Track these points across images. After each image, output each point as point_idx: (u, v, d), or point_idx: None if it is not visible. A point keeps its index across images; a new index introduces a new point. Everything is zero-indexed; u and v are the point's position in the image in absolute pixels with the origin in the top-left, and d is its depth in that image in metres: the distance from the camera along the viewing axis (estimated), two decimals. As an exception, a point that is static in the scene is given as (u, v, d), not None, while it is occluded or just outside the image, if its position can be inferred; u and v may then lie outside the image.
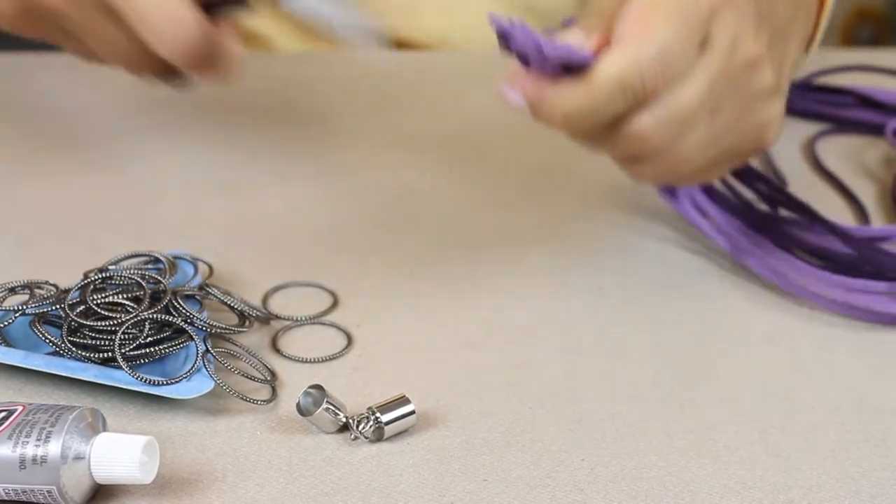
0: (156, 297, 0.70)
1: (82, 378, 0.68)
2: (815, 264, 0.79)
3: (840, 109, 0.98)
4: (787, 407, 0.71)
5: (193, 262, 0.75)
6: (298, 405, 0.67)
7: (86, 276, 0.71)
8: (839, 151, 0.95)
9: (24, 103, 0.96)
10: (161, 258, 0.74)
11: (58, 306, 0.70)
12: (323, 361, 0.73)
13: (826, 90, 0.99)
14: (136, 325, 0.68)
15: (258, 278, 0.78)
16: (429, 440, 0.67)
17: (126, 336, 0.68)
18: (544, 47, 0.65)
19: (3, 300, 0.71)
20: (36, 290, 0.71)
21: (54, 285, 0.71)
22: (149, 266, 0.74)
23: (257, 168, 0.87)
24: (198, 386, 0.67)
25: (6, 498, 0.61)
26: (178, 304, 0.70)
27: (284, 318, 0.75)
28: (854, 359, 0.75)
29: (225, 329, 0.71)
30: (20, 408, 0.63)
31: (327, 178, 0.89)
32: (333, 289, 0.78)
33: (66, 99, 0.96)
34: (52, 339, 0.68)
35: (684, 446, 0.67)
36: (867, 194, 0.89)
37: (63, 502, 0.61)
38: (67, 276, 0.73)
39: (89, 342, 0.68)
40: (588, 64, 0.66)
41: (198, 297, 0.72)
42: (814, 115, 0.98)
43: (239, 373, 0.69)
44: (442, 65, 1.01)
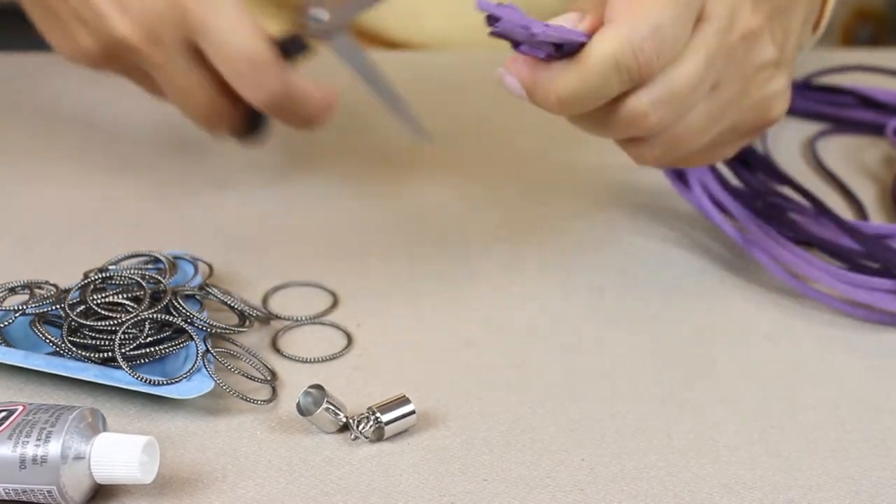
0: (156, 297, 0.70)
1: (82, 378, 0.68)
2: (823, 259, 0.79)
3: (840, 109, 0.98)
4: (787, 407, 0.71)
5: (193, 262, 0.75)
6: (298, 405, 0.67)
7: (86, 276, 0.71)
8: (839, 151, 0.94)
9: (25, 103, 0.96)
10: (161, 258, 0.74)
11: (58, 306, 0.70)
12: (323, 361, 0.73)
13: (826, 90, 0.98)
14: (136, 325, 0.68)
15: (258, 278, 0.78)
16: (429, 440, 0.67)
17: (126, 336, 0.68)
18: (533, 28, 0.63)
19: (3, 300, 0.71)
20: (36, 290, 0.71)
21: (54, 285, 0.71)
22: (149, 266, 0.74)
23: (257, 168, 0.87)
24: (198, 386, 0.67)
25: (6, 498, 0.61)
26: (178, 304, 0.70)
27: (284, 318, 0.75)
28: (854, 359, 0.75)
29: (225, 329, 0.71)
30: (20, 408, 0.63)
31: (327, 179, 0.89)
32: (333, 289, 0.78)
33: (67, 99, 0.96)
34: (53, 339, 0.68)
35: (684, 446, 0.67)
36: (867, 194, 0.89)
37: (63, 502, 0.61)
38: (67, 276, 0.73)
39: (89, 342, 0.68)
40: (582, 45, 0.64)
41: (198, 297, 0.72)
42: (814, 115, 0.98)
43: (239, 373, 0.69)
44: (442, 65, 1.01)
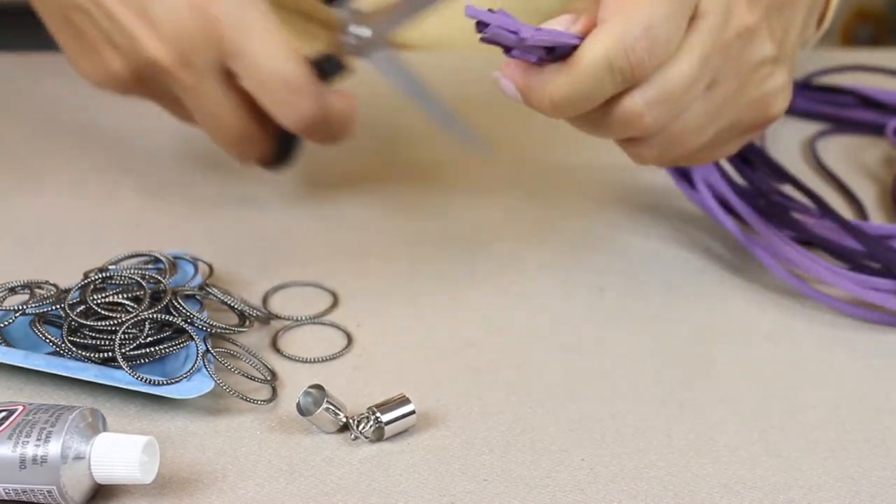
0: (156, 297, 0.70)
1: (82, 378, 0.67)
2: (826, 259, 0.79)
3: (840, 109, 0.98)
4: (787, 407, 0.71)
5: (193, 262, 0.75)
6: (298, 405, 0.67)
7: (86, 276, 0.71)
8: (839, 151, 0.95)
9: (25, 103, 0.96)
10: (161, 258, 0.74)
11: (58, 306, 0.70)
12: (323, 361, 0.73)
13: (826, 90, 0.99)
14: (136, 325, 0.68)
15: (258, 278, 0.78)
16: (429, 440, 0.67)
17: (126, 336, 0.68)
18: (522, 33, 0.63)
19: (3, 300, 0.71)
20: (36, 290, 0.71)
21: (54, 285, 0.71)
22: (149, 266, 0.74)
23: (257, 168, 0.87)
24: (198, 386, 0.67)
25: (6, 498, 0.61)
26: (178, 303, 0.70)
27: (284, 318, 0.75)
28: (854, 359, 0.75)
29: (225, 329, 0.71)
30: (20, 408, 0.63)
31: (327, 179, 0.89)
32: (333, 289, 0.78)
33: (67, 99, 0.96)
34: (53, 339, 0.68)
35: (684, 446, 0.67)
36: (867, 194, 0.89)
37: (63, 502, 0.61)
38: (67, 276, 0.73)
39: (89, 342, 0.68)
40: (575, 47, 0.64)
41: (198, 297, 0.72)
42: (814, 115, 0.98)
43: (239, 373, 0.69)
44: (441, 65, 1.01)
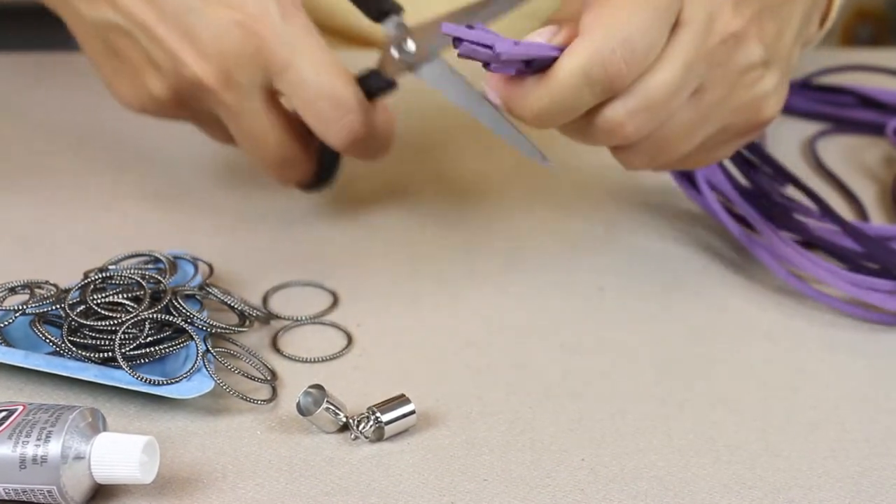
0: (156, 297, 0.70)
1: (82, 378, 0.67)
2: (826, 259, 0.79)
3: (840, 109, 0.98)
4: (787, 407, 0.71)
5: (193, 261, 0.75)
6: (298, 405, 0.67)
7: (86, 275, 0.71)
8: (839, 151, 0.94)
9: (25, 103, 0.96)
10: (161, 258, 0.74)
11: (58, 306, 0.70)
12: (323, 361, 0.73)
13: (826, 90, 0.99)
14: (136, 324, 0.68)
15: (258, 278, 0.78)
16: (429, 440, 0.67)
17: (126, 336, 0.68)
18: (497, 48, 0.63)
19: (3, 300, 0.71)
20: (36, 290, 0.71)
21: (54, 285, 0.71)
22: (149, 266, 0.74)
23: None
24: (198, 386, 0.67)
25: (6, 498, 0.61)
26: (179, 303, 0.70)
27: (284, 318, 0.75)
28: (854, 359, 0.75)
29: (225, 329, 0.71)
30: (20, 408, 0.63)
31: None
32: (333, 289, 0.78)
33: (67, 99, 0.96)
34: (53, 339, 0.68)
35: (684, 446, 0.67)
36: (867, 194, 0.89)
37: (63, 502, 0.61)
38: (67, 276, 0.73)
39: (89, 342, 0.68)
40: (554, 59, 0.65)
41: (198, 297, 0.72)
42: (814, 115, 0.98)
43: (239, 373, 0.69)
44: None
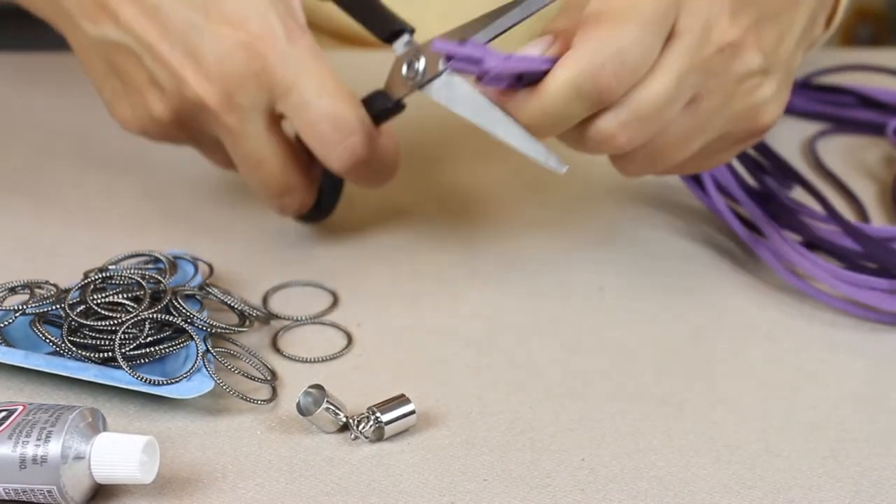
0: (156, 297, 0.70)
1: (82, 378, 0.67)
2: (829, 260, 0.79)
3: (840, 109, 0.98)
4: (787, 407, 0.71)
5: (193, 261, 0.75)
6: (298, 405, 0.67)
7: (86, 275, 0.71)
8: (839, 151, 0.94)
9: (25, 104, 0.96)
10: (161, 258, 0.74)
11: (58, 306, 0.70)
12: (323, 361, 0.73)
13: (826, 90, 0.99)
14: (136, 324, 0.68)
15: (258, 278, 0.78)
16: (429, 440, 0.67)
17: (126, 336, 0.68)
18: (486, 64, 0.64)
19: (3, 300, 0.71)
20: (36, 290, 0.71)
21: (54, 285, 0.71)
22: (149, 266, 0.74)
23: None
24: (198, 386, 0.67)
25: (6, 498, 0.61)
26: (178, 303, 0.70)
27: (284, 318, 0.75)
28: (855, 359, 0.75)
29: (225, 329, 0.71)
30: (20, 408, 0.63)
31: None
32: (333, 289, 0.78)
33: (67, 99, 0.96)
34: (53, 339, 0.68)
35: (684, 446, 0.67)
36: (867, 194, 0.89)
37: (63, 502, 0.61)
38: (67, 276, 0.73)
39: (89, 342, 0.68)
40: (546, 71, 0.65)
41: (198, 297, 0.72)
42: (814, 115, 0.98)
43: (239, 373, 0.69)
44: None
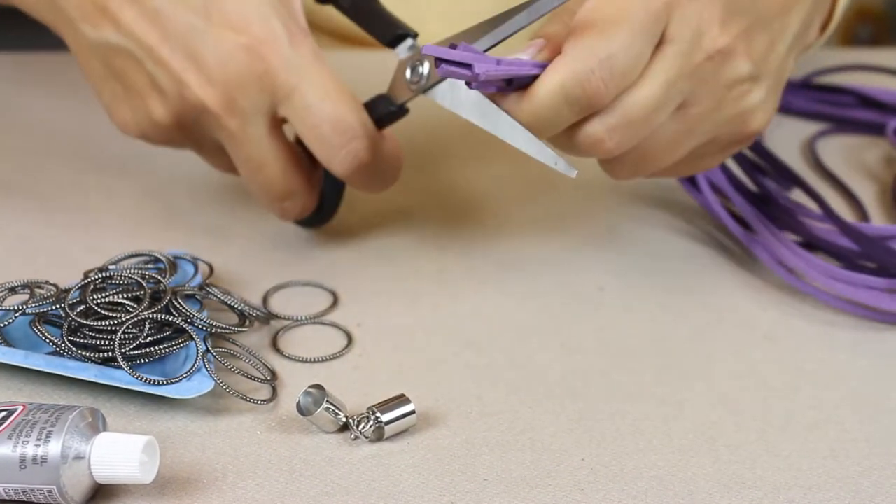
0: (156, 297, 0.70)
1: (82, 378, 0.67)
2: (823, 258, 0.79)
3: (840, 109, 0.98)
4: (787, 407, 0.71)
5: (193, 261, 0.75)
6: (298, 405, 0.67)
7: (86, 275, 0.71)
8: (839, 151, 0.94)
9: (24, 103, 0.96)
10: (161, 258, 0.74)
11: (58, 306, 0.70)
12: (323, 361, 0.73)
13: (826, 90, 0.98)
14: (136, 324, 0.68)
15: (258, 278, 0.78)
16: (429, 440, 0.67)
17: (126, 336, 0.68)
18: (476, 69, 0.64)
19: (3, 300, 0.71)
20: (36, 290, 0.71)
21: (54, 285, 0.71)
22: (149, 266, 0.74)
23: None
24: (198, 386, 0.67)
25: (6, 498, 0.61)
26: (178, 303, 0.70)
27: (284, 318, 0.75)
28: (855, 358, 0.74)
29: (225, 329, 0.71)
30: (20, 407, 0.63)
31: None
32: (333, 289, 0.78)
33: (67, 99, 0.96)
34: (53, 339, 0.68)
35: (684, 446, 0.67)
36: (867, 194, 0.89)
37: (63, 502, 0.61)
38: (67, 276, 0.73)
39: (89, 342, 0.68)
40: (535, 76, 0.65)
41: (198, 297, 0.72)
42: (814, 115, 0.98)
43: (239, 372, 0.69)
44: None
